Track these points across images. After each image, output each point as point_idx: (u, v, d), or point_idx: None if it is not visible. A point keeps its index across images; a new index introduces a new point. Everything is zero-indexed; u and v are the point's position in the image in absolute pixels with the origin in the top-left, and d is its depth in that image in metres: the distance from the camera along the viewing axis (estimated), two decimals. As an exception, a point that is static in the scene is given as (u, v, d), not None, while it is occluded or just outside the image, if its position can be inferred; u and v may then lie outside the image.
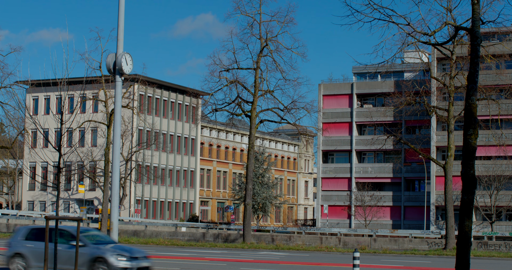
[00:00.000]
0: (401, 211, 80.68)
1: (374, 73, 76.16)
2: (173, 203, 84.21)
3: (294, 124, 52.56)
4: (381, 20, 21.84)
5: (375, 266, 29.01)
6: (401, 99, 54.00)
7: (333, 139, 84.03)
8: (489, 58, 46.21)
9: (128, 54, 25.55)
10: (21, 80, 54.27)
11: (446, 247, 46.13)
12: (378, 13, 21.87)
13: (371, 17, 21.41)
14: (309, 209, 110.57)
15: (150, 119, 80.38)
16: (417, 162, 78.74)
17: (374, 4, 21.45)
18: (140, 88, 74.23)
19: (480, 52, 18.01)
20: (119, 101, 26.19)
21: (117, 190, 25.58)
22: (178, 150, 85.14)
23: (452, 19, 43.29)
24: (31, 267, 22.55)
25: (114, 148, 25.61)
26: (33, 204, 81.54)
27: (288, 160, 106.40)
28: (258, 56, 51.20)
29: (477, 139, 17.33)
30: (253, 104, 50.93)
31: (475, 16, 17.69)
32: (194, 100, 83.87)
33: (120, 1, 25.40)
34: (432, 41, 39.46)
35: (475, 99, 17.37)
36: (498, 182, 70.53)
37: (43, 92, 76.92)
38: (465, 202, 17.21)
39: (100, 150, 74.48)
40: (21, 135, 72.70)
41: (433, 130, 77.66)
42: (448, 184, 47.30)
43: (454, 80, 48.05)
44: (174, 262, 30.24)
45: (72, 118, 27.19)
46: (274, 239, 54.10)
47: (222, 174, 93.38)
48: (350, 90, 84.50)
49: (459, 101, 60.66)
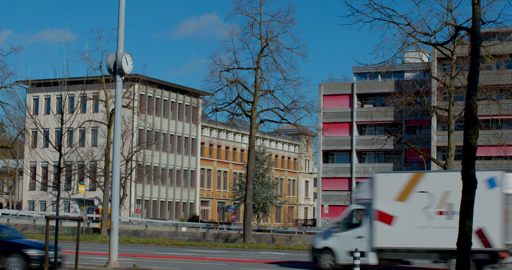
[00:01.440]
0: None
1: (374, 73, 76.15)
2: (174, 203, 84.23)
3: (295, 124, 52.55)
4: (382, 20, 21.85)
5: (375, 266, 28.99)
6: (402, 99, 53.97)
7: (334, 139, 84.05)
8: (489, 58, 46.18)
9: (129, 54, 25.56)
10: (21, 80, 54.31)
11: (447, 247, 46.06)
12: (379, 13, 21.88)
13: (371, 17, 21.42)
14: (310, 209, 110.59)
15: (150, 119, 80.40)
16: (418, 162, 78.74)
17: (375, 4, 21.46)
18: (140, 88, 74.24)
19: (481, 52, 18.01)
20: (120, 101, 26.20)
21: (118, 190, 25.60)
22: (179, 150, 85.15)
23: (453, 19, 43.26)
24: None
25: (115, 148, 25.63)
26: (34, 204, 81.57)
27: (288, 160, 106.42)
28: (259, 56, 51.20)
29: (478, 139, 17.33)
30: (253, 104, 50.92)
31: (475, 16, 17.69)
32: (194, 100, 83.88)
33: (121, 1, 25.42)
34: (432, 41, 39.44)
35: (475, 99, 17.37)
36: (498, 182, 70.45)
37: (44, 92, 76.95)
38: (465, 202, 17.24)
39: (101, 150, 74.48)
40: (22, 135, 72.70)
41: (434, 130, 77.65)
42: (449, 184, 47.23)
43: (455, 80, 48.00)
44: (175, 262, 30.25)
45: (73, 118, 27.18)
46: (275, 239, 54.11)
47: (222, 174, 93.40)
48: (350, 90, 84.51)
49: (460, 101, 60.63)
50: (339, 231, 27.30)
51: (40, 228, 58.41)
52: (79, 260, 21.55)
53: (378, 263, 26.64)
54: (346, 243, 26.69)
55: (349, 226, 27.24)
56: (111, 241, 24.91)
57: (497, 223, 24.36)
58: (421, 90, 51.96)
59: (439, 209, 25.18)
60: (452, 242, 18.13)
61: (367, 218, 26.58)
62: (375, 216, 26.19)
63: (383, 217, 26.03)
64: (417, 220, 25.46)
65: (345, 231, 27.12)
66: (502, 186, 24.56)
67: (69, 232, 59.30)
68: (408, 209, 25.67)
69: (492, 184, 24.67)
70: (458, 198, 22.83)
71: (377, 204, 26.19)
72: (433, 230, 25.30)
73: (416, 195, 25.59)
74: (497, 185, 24.60)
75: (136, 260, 29.21)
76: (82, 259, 28.62)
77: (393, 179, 26.87)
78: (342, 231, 27.20)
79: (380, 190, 26.29)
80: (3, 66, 57.41)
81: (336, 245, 26.98)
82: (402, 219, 25.77)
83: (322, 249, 27.25)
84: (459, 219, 17.33)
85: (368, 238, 26.37)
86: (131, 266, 25.42)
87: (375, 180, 26.70)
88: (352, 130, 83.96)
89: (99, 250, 38.24)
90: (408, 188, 25.84)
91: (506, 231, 24.37)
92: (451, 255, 24.18)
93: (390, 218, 25.98)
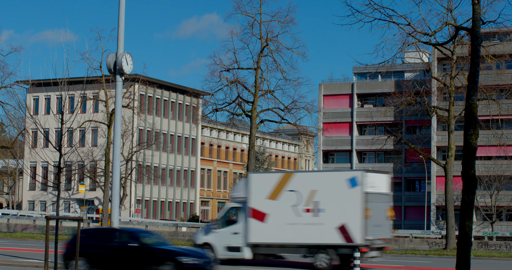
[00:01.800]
0: (401, 211, 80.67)
1: (374, 73, 76.15)
2: (174, 203, 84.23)
3: (295, 124, 52.53)
4: (382, 20, 21.89)
5: (375, 266, 28.99)
6: (402, 99, 53.96)
7: (334, 139, 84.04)
8: (489, 58, 46.17)
9: (129, 54, 25.57)
10: (21, 80, 54.21)
11: (447, 247, 46.11)
12: (379, 13, 21.93)
13: (371, 17, 21.46)
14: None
15: (150, 119, 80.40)
16: (418, 162, 78.75)
17: (375, 4, 21.49)
18: (140, 88, 74.22)
19: (481, 52, 18.03)
20: (120, 101, 26.21)
21: (118, 190, 25.60)
22: (179, 150, 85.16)
23: (453, 19, 43.27)
24: None
25: (115, 148, 25.64)
26: (34, 204, 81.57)
27: (288, 160, 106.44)
28: (259, 56, 51.17)
29: (478, 139, 17.34)
30: (253, 104, 50.90)
31: (475, 16, 17.70)
32: (194, 100, 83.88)
33: (121, 1, 25.43)
34: (432, 41, 39.47)
35: (475, 99, 17.37)
36: (498, 182, 70.52)
37: (44, 92, 76.94)
38: (465, 202, 17.22)
39: (101, 150, 74.45)
40: (22, 135, 72.70)
41: (434, 130, 77.64)
42: (449, 184, 47.28)
43: (455, 80, 47.99)
44: (175, 262, 30.19)
45: (73, 118, 27.20)
46: (275, 239, 54.03)
47: (222, 174, 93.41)
48: (350, 90, 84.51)
49: (460, 101, 60.62)
50: (218, 227, 29.00)
51: (40, 228, 58.41)
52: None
53: (253, 257, 28.32)
54: (223, 239, 28.48)
55: (227, 223, 28.99)
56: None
57: (358, 220, 26.06)
58: (421, 90, 51.94)
59: (306, 207, 26.92)
60: (318, 238, 19.57)
61: (243, 215, 28.33)
62: (249, 214, 27.96)
63: (257, 215, 27.79)
64: (287, 217, 27.19)
65: (223, 228, 28.84)
66: (362, 185, 26.28)
67: (69, 232, 59.30)
68: (279, 207, 27.40)
69: (353, 183, 26.38)
70: (323, 196, 25.51)
71: (251, 202, 27.96)
72: (301, 227, 27.03)
73: (286, 194, 27.30)
74: (358, 184, 26.31)
75: (136, 260, 29.14)
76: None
77: (265, 179, 28.53)
78: (220, 228, 28.91)
79: (254, 189, 28.04)
80: (3, 66, 57.35)
81: (214, 241, 28.64)
82: (273, 216, 27.50)
83: (203, 244, 28.75)
84: (459, 219, 17.31)
85: (244, 234, 28.10)
86: (131, 266, 25.36)
87: (249, 180, 28.46)
88: (352, 130, 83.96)
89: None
90: (278, 187, 27.57)
91: (366, 227, 26.06)
92: (318, 250, 26.43)
93: (263, 215, 27.69)
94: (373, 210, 26.39)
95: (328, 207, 26.53)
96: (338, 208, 26.50)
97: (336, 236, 26.24)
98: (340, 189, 26.55)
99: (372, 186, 26.75)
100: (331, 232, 26.36)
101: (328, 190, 26.60)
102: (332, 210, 26.55)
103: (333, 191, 26.71)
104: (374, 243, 26.53)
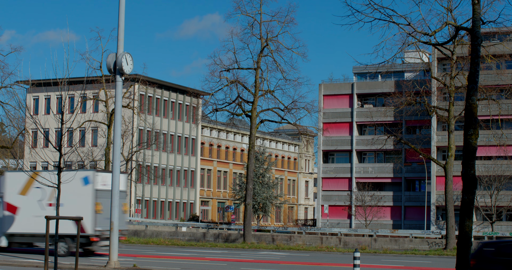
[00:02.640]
0: (401, 211, 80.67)
1: (374, 73, 76.16)
2: (174, 203, 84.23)
3: (295, 124, 52.52)
4: (382, 20, 21.87)
5: (375, 266, 29.02)
6: (402, 99, 53.95)
7: (334, 139, 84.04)
8: (489, 58, 46.17)
9: (129, 54, 25.57)
10: (21, 80, 54.14)
11: (447, 247, 46.13)
12: (379, 13, 21.90)
13: (371, 17, 21.44)
14: (310, 209, 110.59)
15: (150, 119, 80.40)
16: (418, 162, 78.73)
17: (375, 4, 21.48)
18: (140, 88, 74.23)
19: (481, 52, 18.02)
20: (120, 101, 26.22)
21: (118, 190, 25.61)
22: (179, 150, 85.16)
23: (453, 19, 43.27)
24: None
25: (115, 148, 25.64)
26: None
27: (288, 160, 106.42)
28: (259, 56, 51.17)
29: (478, 139, 17.34)
30: (253, 104, 50.91)
31: (475, 16, 17.70)
32: (194, 100, 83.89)
33: (121, 2, 25.42)
34: (432, 41, 39.44)
35: (475, 99, 17.38)
36: (498, 182, 70.50)
37: (44, 92, 76.95)
38: (465, 202, 17.23)
39: (101, 150, 74.46)
40: (22, 135, 72.63)
41: (434, 130, 77.64)
42: (449, 184, 47.29)
43: (455, 80, 48.00)
44: (175, 262, 30.26)
45: (73, 118, 27.22)
46: (275, 239, 54.09)
47: (222, 174, 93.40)
48: (350, 90, 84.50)
49: (460, 101, 60.64)
50: None
51: (40, 228, 58.41)
52: (79, 260, 21.57)
53: (9, 246, 32.99)
54: None
55: None
56: (111, 241, 24.93)
57: (89, 213, 30.48)
58: (421, 90, 51.94)
59: (49, 202, 31.46)
60: (59, 229, 21.34)
61: (1, 208, 32.93)
62: (4, 207, 32.76)
63: (10, 208, 32.62)
64: (34, 210, 31.69)
65: None
66: (93, 183, 30.86)
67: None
68: (28, 201, 32.08)
69: (86, 182, 30.99)
70: (62, 192, 27.35)
71: (6, 197, 32.80)
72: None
73: (34, 190, 31.87)
74: (90, 182, 30.96)
75: (136, 260, 29.23)
76: (82, 259, 28.68)
77: (18, 176, 33.10)
78: None
79: (8, 186, 32.84)
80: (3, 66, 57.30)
81: None
82: (24, 209, 32.25)
83: None
84: (459, 219, 17.31)
85: (1, 225, 32.72)
86: (131, 266, 25.43)
87: (5, 177, 33.20)
88: (352, 130, 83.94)
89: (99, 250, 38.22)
90: (28, 184, 32.08)
91: (96, 220, 30.61)
92: (58, 239, 28.42)
93: (15, 209, 32.50)
94: (104, 205, 30.18)
95: (66, 202, 29.78)
96: (74, 203, 30.59)
97: (72, 227, 29.64)
98: (76, 186, 30.50)
99: (104, 184, 30.74)
100: (69, 223, 29.70)
101: (66, 187, 29.04)
102: (70, 204, 30.25)
103: (70, 188, 29.70)
104: (104, 233, 30.18)
